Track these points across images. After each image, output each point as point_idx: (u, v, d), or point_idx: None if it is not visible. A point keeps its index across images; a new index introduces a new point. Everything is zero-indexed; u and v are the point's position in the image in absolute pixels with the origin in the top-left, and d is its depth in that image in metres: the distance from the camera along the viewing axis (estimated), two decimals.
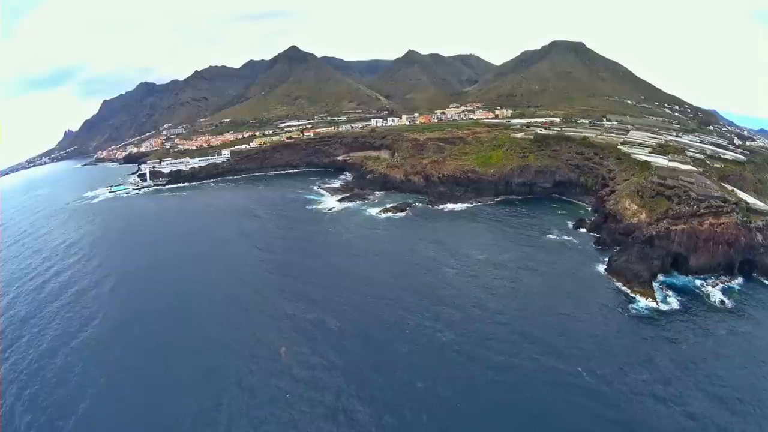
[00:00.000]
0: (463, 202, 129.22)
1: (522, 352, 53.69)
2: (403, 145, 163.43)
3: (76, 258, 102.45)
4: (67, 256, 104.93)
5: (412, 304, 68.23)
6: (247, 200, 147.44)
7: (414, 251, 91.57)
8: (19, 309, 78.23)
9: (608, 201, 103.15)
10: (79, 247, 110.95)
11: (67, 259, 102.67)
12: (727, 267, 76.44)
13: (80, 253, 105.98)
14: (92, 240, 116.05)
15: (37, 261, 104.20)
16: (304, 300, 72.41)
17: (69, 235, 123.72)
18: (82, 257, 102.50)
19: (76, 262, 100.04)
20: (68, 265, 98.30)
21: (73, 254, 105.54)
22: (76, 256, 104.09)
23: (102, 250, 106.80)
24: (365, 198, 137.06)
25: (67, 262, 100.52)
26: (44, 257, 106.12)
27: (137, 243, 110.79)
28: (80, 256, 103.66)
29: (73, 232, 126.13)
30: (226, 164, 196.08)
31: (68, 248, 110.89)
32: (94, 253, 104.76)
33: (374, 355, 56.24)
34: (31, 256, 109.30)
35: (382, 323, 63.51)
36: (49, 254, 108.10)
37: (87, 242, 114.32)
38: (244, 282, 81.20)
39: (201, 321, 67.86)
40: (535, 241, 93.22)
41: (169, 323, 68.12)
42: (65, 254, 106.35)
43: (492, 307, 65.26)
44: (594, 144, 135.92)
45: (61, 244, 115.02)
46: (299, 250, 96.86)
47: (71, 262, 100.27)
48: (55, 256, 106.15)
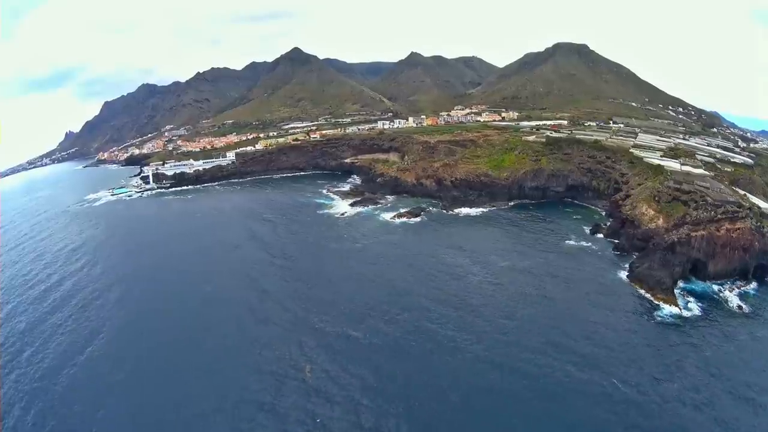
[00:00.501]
0: (477, 207, 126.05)
1: (556, 362, 52.21)
2: (413, 148, 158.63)
3: (79, 265, 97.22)
4: (69, 262, 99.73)
5: (441, 314, 65.13)
6: (255, 204, 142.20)
7: (435, 258, 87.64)
8: (20, 320, 73.13)
9: (624, 206, 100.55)
10: (81, 252, 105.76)
11: (69, 265, 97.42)
12: (742, 272, 76.38)
13: (83, 259, 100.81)
14: (95, 245, 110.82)
15: (38, 267, 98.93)
16: (326, 311, 67.95)
17: (71, 239, 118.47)
18: (85, 264, 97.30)
19: (78, 269, 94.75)
20: (71, 272, 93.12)
21: (75, 260, 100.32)
22: (79, 262, 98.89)
23: (106, 256, 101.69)
24: (377, 202, 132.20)
25: (69, 268, 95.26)
26: (46, 263, 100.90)
27: (142, 249, 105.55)
28: (83, 262, 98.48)
29: (76, 237, 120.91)
30: (231, 167, 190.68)
31: (70, 254, 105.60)
32: (97, 259, 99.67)
33: (406, 369, 53.27)
34: (32, 261, 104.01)
35: (411, 335, 60.18)
36: (51, 260, 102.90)
37: (90, 247, 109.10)
38: (260, 292, 76.32)
39: (217, 336, 62.94)
40: (555, 247, 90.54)
41: (183, 339, 63.08)
42: (67, 260, 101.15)
43: (521, 315, 63.42)
44: (605, 147, 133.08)
45: (63, 249, 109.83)
46: (316, 257, 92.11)
47: (74, 269, 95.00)
48: (57, 262, 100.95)
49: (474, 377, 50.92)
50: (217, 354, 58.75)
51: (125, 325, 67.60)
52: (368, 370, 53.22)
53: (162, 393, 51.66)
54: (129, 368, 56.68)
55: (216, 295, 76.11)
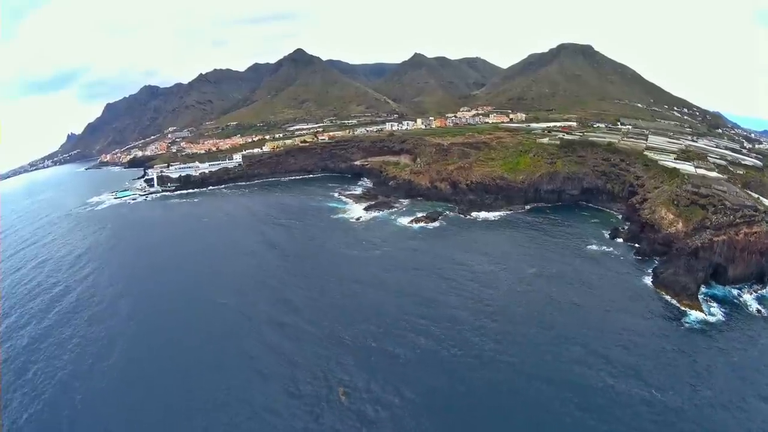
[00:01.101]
0: (494, 211, 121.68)
1: (597, 373, 50.80)
2: (425, 150, 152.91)
3: (84, 273, 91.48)
4: (74, 271, 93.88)
5: (477, 325, 61.78)
6: (266, 208, 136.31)
7: (462, 264, 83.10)
8: (22, 336, 67.38)
9: (643, 210, 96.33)
10: (86, 260, 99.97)
11: (74, 274, 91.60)
12: (759, 276, 76.09)
13: (88, 267, 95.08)
14: (100, 252, 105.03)
15: (41, 276, 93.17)
16: (354, 324, 62.89)
17: (75, 245, 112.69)
18: (90, 273, 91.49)
19: (84, 278, 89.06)
20: (76, 281, 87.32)
21: (80, 269, 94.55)
22: (84, 270, 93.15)
23: (112, 264, 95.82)
24: (392, 206, 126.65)
25: (74, 278, 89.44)
26: (49, 271, 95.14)
27: (151, 257, 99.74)
28: (88, 271, 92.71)
29: (79, 242, 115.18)
30: (238, 169, 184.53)
31: (75, 261, 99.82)
32: (103, 267, 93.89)
33: (450, 386, 49.88)
34: (34, 269, 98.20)
35: (449, 348, 56.54)
36: (54, 268, 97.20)
37: (95, 254, 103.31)
38: (282, 304, 70.77)
39: (241, 355, 57.36)
40: (578, 252, 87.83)
41: (202, 361, 57.20)
42: (72, 268, 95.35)
43: (556, 324, 61.28)
44: (619, 150, 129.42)
45: (67, 256, 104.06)
46: (336, 265, 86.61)
47: (79, 278, 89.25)
48: (60, 270, 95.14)
49: (519, 391, 48.90)
50: (243, 376, 53.21)
51: (137, 345, 61.85)
52: (408, 389, 49.00)
53: (183, 423, 46.02)
54: (143, 396, 50.95)
55: (235, 308, 70.41)
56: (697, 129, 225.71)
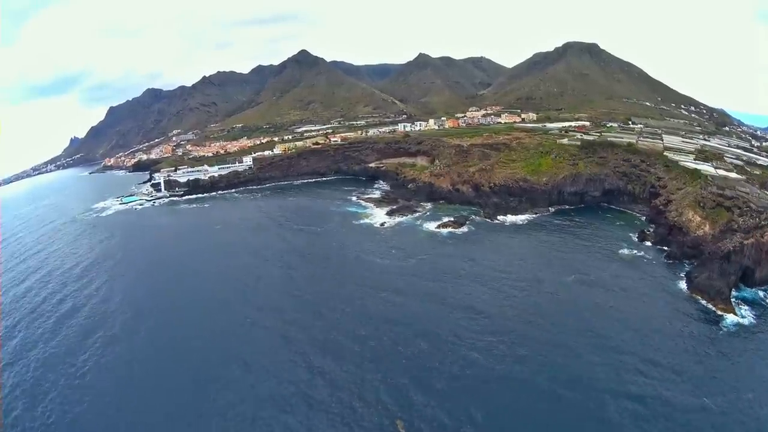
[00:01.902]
0: (519, 214, 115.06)
1: (653, 382, 48.58)
2: (444, 152, 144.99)
3: (93, 288, 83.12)
4: (81, 285, 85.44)
5: (535, 337, 57.47)
6: (282, 213, 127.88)
7: (502, 272, 77.29)
8: (25, 366, 59.04)
9: (669, 212, 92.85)
10: (94, 273, 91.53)
11: (82, 289, 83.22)
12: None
13: (96, 281, 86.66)
14: (110, 265, 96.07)
15: (46, 291, 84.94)
16: (410, 342, 56.42)
17: (81, 256, 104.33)
18: (100, 287, 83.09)
19: (93, 294, 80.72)
20: (85, 298, 78.91)
21: (88, 283, 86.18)
22: (93, 285, 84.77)
23: (122, 278, 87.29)
24: (414, 210, 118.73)
25: (82, 294, 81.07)
26: (54, 286, 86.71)
27: (167, 269, 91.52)
28: (97, 285, 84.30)
29: (86, 253, 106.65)
30: (249, 172, 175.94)
31: (82, 274, 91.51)
32: (114, 281, 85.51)
33: (518, 404, 46.04)
34: (38, 283, 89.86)
35: (513, 365, 52.04)
36: (61, 282, 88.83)
37: (104, 268, 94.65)
38: (324, 321, 63.08)
39: (281, 386, 49.32)
40: (612, 257, 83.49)
41: (243, 390, 49.22)
42: (79, 282, 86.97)
43: (607, 334, 58.13)
44: (639, 150, 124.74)
45: (73, 269, 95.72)
46: (374, 276, 78.84)
47: (87, 293, 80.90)
48: (67, 285, 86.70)
49: (585, 405, 45.67)
50: (296, 411, 45.29)
51: (163, 383, 53.40)
52: (479, 411, 43.39)
53: None
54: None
55: (273, 329, 62.33)
56: (706, 127, 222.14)
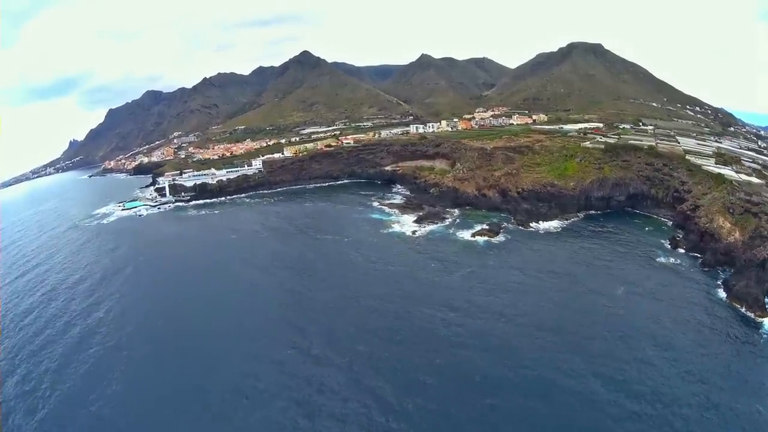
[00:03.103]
0: (550, 220, 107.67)
1: (721, 394, 45.76)
2: (466, 155, 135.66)
3: (103, 311, 72.44)
4: (89, 306, 74.92)
5: (611, 356, 52.69)
6: (302, 221, 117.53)
7: (557, 286, 70.85)
8: (29, 414, 48.97)
9: (699, 218, 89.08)
10: (102, 291, 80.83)
11: (90, 311, 72.65)
12: None
13: (106, 302, 75.89)
14: (119, 283, 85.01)
15: (49, 311, 74.74)
16: (494, 370, 49.15)
17: (86, 271, 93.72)
18: (110, 310, 72.48)
19: (103, 318, 70.06)
20: (94, 323, 68.33)
21: (96, 304, 75.61)
22: (102, 307, 74.07)
23: (136, 299, 76.67)
24: (442, 217, 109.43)
25: (91, 317, 70.44)
26: (59, 306, 76.44)
27: (184, 288, 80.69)
28: (107, 308, 73.58)
29: (91, 267, 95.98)
30: (259, 176, 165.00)
31: (88, 293, 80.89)
32: (125, 302, 74.95)
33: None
34: (40, 302, 79.31)
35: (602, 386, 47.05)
36: (65, 300, 78.61)
37: (112, 285, 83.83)
38: (388, 352, 53.62)
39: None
40: (652, 266, 78.97)
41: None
42: (86, 302, 76.54)
43: (674, 347, 54.58)
44: (661, 154, 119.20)
45: (78, 285, 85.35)
46: (425, 292, 69.92)
47: (97, 318, 70.20)
48: (72, 304, 76.41)
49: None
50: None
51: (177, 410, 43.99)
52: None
53: None
54: None
55: (326, 366, 52.59)
56: (713, 128, 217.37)
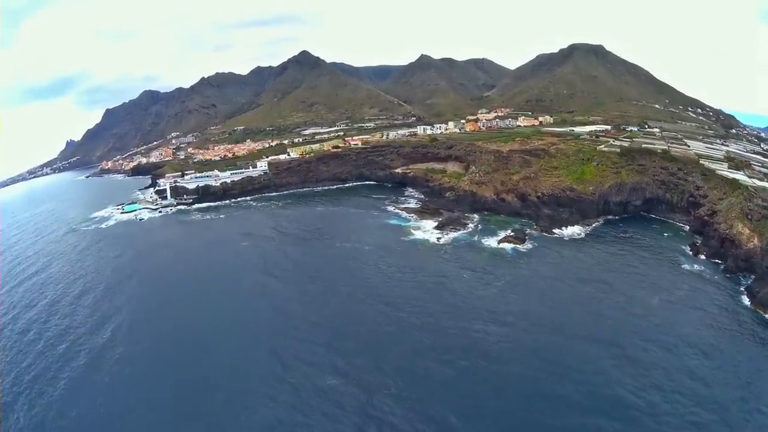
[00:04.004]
0: (571, 225, 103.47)
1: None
2: (482, 158, 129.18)
3: (109, 332, 64.71)
4: (93, 325, 67.13)
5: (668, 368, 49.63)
6: (316, 225, 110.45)
7: (596, 296, 67.64)
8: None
9: (719, 224, 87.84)
10: (106, 307, 73.13)
11: (94, 332, 64.89)
12: None
13: (112, 320, 68.19)
14: (125, 297, 76.87)
15: (49, 331, 66.89)
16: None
17: (86, 282, 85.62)
18: (117, 330, 64.87)
19: (110, 340, 62.36)
20: (101, 347, 60.61)
21: (101, 323, 67.76)
22: (108, 327, 66.35)
23: (145, 318, 68.92)
24: (463, 223, 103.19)
25: (97, 339, 62.71)
26: (60, 324, 68.61)
27: (199, 302, 72.93)
28: (114, 327, 65.89)
29: (92, 277, 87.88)
30: (264, 178, 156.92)
31: (92, 310, 72.80)
32: (134, 322, 67.20)
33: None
34: (38, 320, 71.26)
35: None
36: (67, 317, 70.80)
37: (118, 300, 75.85)
38: (424, 372, 48.09)
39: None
40: (679, 272, 77.59)
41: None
42: (90, 321, 68.77)
43: (721, 355, 53.12)
44: (676, 158, 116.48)
45: (80, 300, 77.33)
46: (469, 305, 64.86)
47: (104, 340, 62.52)
48: (75, 322, 68.77)
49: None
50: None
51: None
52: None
53: None
54: None
55: (359, 392, 46.41)
56: (717, 131, 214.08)
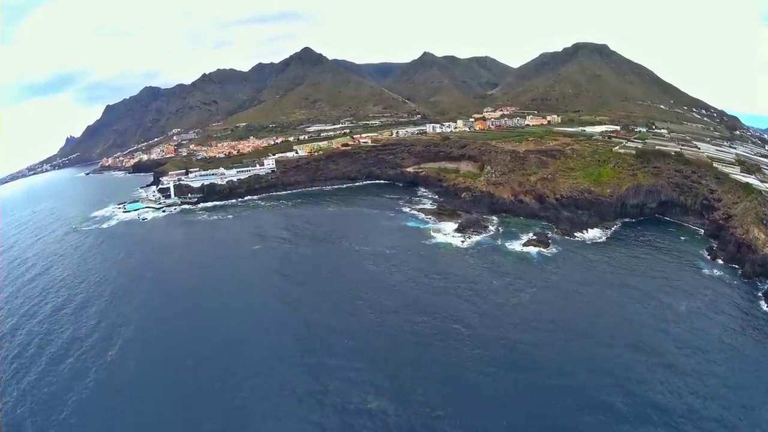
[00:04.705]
0: (591, 228, 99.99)
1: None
2: (497, 158, 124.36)
3: (117, 348, 58.90)
4: (99, 340, 61.10)
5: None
6: (331, 227, 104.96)
7: (630, 301, 64.64)
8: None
9: (735, 229, 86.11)
10: (112, 318, 67.18)
11: (102, 350, 58.68)
12: None
13: (120, 333, 62.45)
14: (134, 307, 71.01)
15: (52, 346, 60.97)
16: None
17: (90, 289, 79.34)
18: (127, 346, 59.02)
19: (119, 359, 56.58)
20: (108, 367, 54.79)
21: (107, 336, 62.00)
22: (115, 342, 60.57)
23: (157, 333, 62.99)
24: (484, 226, 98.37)
25: (103, 359, 56.61)
26: (62, 338, 62.62)
27: (216, 315, 66.78)
28: (122, 343, 60.13)
29: (96, 284, 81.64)
30: (272, 176, 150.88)
31: (96, 323, 66.43)
32: (145, 338, 61.37)
33: None
34: (38, 332, 65.38)
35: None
36: (69, 329, 64.77)
37: (125, 311, 70.02)
38: (475, 388, 43.01)
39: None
40: (701, 278, 75.73)
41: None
42: (95, 335, 62.73)
43: (738, 358, 52.24)
44: (690, 161, 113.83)
45: (84, 310, 71.15)
46: (514, 322, 59.23)
47: (111, 359, 56.69)
48: (79, 334, 62.84)
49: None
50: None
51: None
52: None
53: None
54: None
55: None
56: (723, 132, 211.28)
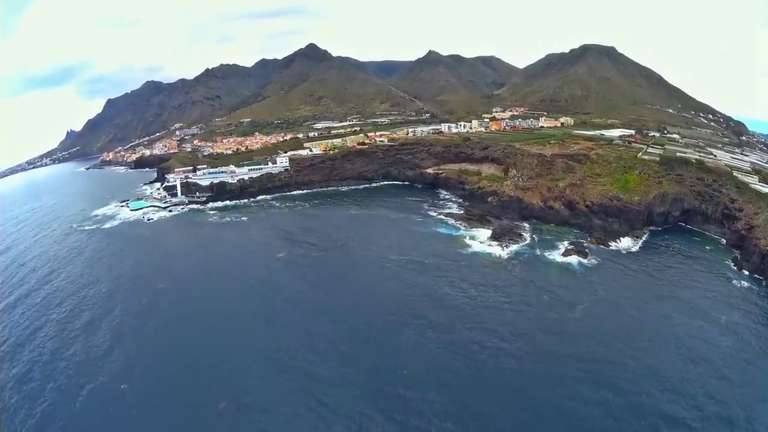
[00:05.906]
0: (623, 237, 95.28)
1: None
2: (524, 162, 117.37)
3: (121, 366, 51.30)
4: (112, 374, 53.08)
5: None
6: (357, 232, 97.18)
7: (684, 313, 57.39)
8: None
9: (758, 240, 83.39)
10: (119, 334, 59.45)
11: (114, 385, 50.71)
12: None
13: (138, 365, 54.67)
14: (138, 323, 62.96)
15: (58, 373, 52.74)
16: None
17: (96, 304, 70.54)
18: (139, 378, 51.22)
19: (129, 396, 48.84)
20: (121, 401, 46.99)
21: (123, 367, 54.04)
22: (132, 373, 52.87)
23: (171, 360, 55.08)
24: (519, 234, 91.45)
25: (114, 389, 48.84)
26: (70, 364, 54.46)
27: (244, 339, 58.50)
28: (126, 360, 52.53)
29: (102, 297, 72.99)
30: (285, 175, 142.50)
31: (108, 347, 58.37)
32: (158, 366, 53.66)
33: None
34: (42, 352, 57.44)
35: None
36: (77, 354, 56.43)
37: (132, 325, 62.18)
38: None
39: None
40: (733, 289, 72.67)
41: None
42: (104, 360, 54.87)
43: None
44: (710, 169, 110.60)
45: (92, 328, 62.72)
46: (569, 344, 51.67)
47: (126, 391, 48.89)
48: (85, 358, 55.00)
49: None
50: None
51: None
52: None
53: None
54: None
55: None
56: (731, 138, 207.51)
